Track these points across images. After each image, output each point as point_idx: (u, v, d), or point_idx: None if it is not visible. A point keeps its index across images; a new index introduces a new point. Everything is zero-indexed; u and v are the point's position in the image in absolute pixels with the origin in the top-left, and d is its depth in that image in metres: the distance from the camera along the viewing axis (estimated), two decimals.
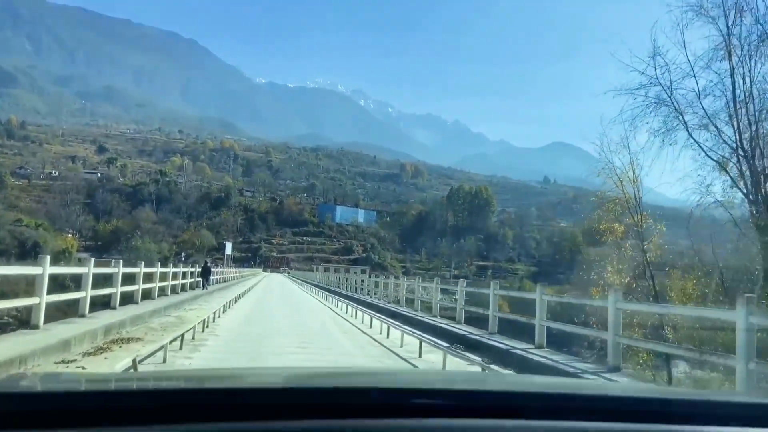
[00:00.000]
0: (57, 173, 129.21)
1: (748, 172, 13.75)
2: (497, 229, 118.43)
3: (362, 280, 29.68)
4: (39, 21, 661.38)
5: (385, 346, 10.27)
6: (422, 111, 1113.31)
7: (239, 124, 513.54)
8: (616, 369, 7.04)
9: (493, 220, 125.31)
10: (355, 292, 27.55)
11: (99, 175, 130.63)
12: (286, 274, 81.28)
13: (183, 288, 21.37)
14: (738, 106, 13.97)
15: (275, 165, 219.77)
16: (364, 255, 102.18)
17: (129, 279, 14.07)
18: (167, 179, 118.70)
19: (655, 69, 15.09)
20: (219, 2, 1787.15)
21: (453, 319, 13.56)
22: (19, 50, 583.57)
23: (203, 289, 23.97)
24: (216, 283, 31.58)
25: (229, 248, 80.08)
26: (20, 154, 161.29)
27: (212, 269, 30.71)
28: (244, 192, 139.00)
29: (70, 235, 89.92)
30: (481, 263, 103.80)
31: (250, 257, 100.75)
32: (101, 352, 8.01)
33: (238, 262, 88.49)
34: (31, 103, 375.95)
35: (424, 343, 9.47)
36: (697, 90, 14.67)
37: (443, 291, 16.88)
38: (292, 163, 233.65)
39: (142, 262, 16.00)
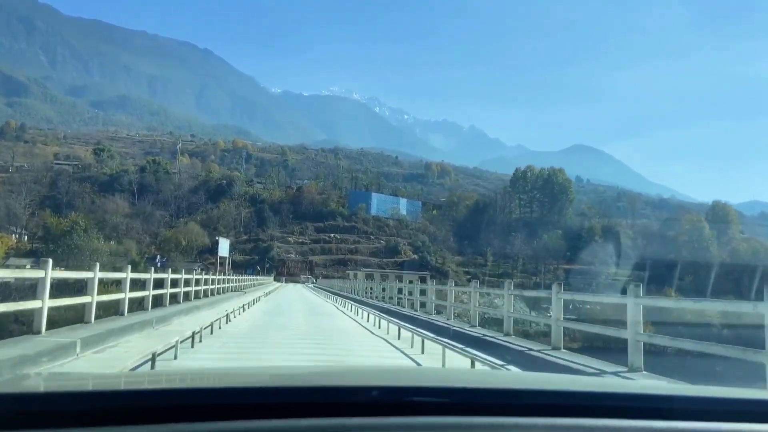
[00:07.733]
0: (27, 165, 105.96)
1: None
2: (580, 223, 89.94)
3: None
4: (54, 33, 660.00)
5: None
6: (438, 117, 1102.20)
7: (254, 131, 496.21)
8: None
9: (572, 212, 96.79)
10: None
11: (78, 166, 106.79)
12: (311, 285, 55.95)
13: None
14: None
15: (291, 165, 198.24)
16: (415, 257, 75.00)
17: None
18: (156, 167, 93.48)
19: None
20: (234, 13, 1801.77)
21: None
22: (34, 61, 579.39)
23: None
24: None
25: (225, 248, 52.49)
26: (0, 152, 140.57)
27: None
28: (254, 184, 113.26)
29: (14, 235, 66.56)
30: (566, 266, 77.08)
31: (258, 260, 74.28)
32: None
33: (241, 268, 63.14)
34: (43, 112, 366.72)
35: None
36: None
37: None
38: (310, 163, 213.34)
39: None
